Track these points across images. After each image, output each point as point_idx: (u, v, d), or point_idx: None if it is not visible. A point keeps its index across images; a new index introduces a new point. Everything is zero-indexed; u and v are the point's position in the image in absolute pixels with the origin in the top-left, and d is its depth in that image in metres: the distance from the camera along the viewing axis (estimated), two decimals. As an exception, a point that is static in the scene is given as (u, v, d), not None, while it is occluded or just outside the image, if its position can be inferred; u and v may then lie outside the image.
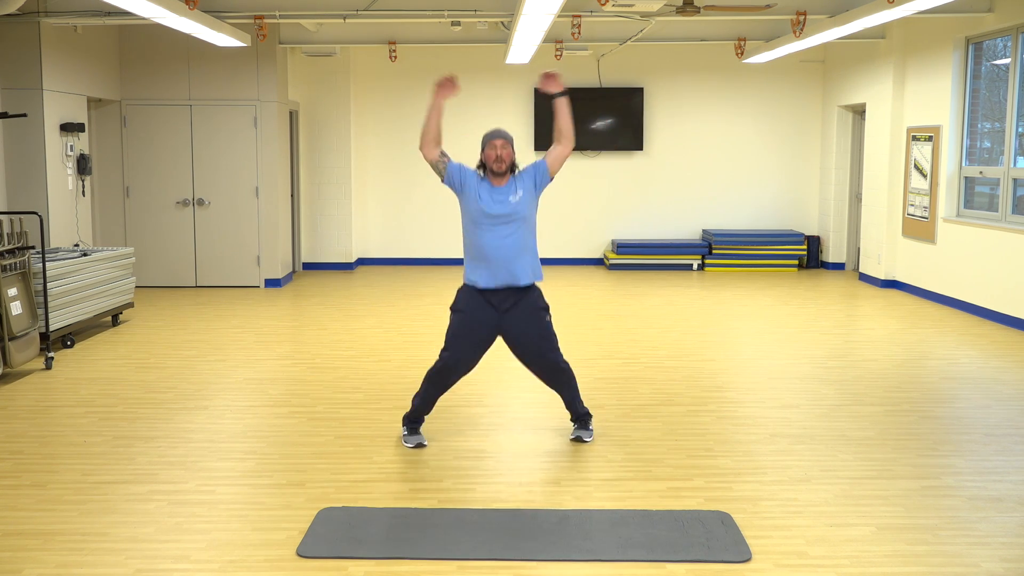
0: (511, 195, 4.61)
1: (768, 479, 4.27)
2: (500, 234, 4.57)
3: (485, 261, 4.58)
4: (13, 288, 6.25)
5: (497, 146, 4.60)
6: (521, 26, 7.67)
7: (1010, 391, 5.84)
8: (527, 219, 4.64)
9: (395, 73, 11.65)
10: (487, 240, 4.58)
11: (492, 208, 4.57)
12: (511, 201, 4.59)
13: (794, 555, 3.47)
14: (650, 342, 7.31)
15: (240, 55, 9.92)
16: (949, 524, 3.76)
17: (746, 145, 11.93)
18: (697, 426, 5.09)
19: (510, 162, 4.63)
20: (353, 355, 6.87)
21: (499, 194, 4.61)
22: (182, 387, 5.96)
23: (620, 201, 11.99)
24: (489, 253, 4.57)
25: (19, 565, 3.39)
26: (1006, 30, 8.17)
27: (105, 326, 7.92)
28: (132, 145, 10.07)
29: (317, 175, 11.49)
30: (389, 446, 4.75)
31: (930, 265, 9.34)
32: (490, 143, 4.63)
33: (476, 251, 4.62)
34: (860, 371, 6.35)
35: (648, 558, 3.44)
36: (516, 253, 4.59)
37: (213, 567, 3.38)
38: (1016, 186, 8.20)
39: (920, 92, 9.53)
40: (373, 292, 9.89)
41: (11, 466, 4.46)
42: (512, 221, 4.58)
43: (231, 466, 4.47)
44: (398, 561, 3.42)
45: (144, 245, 10.04)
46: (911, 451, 4.67)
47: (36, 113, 8.28)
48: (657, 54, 11.60)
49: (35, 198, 8.38)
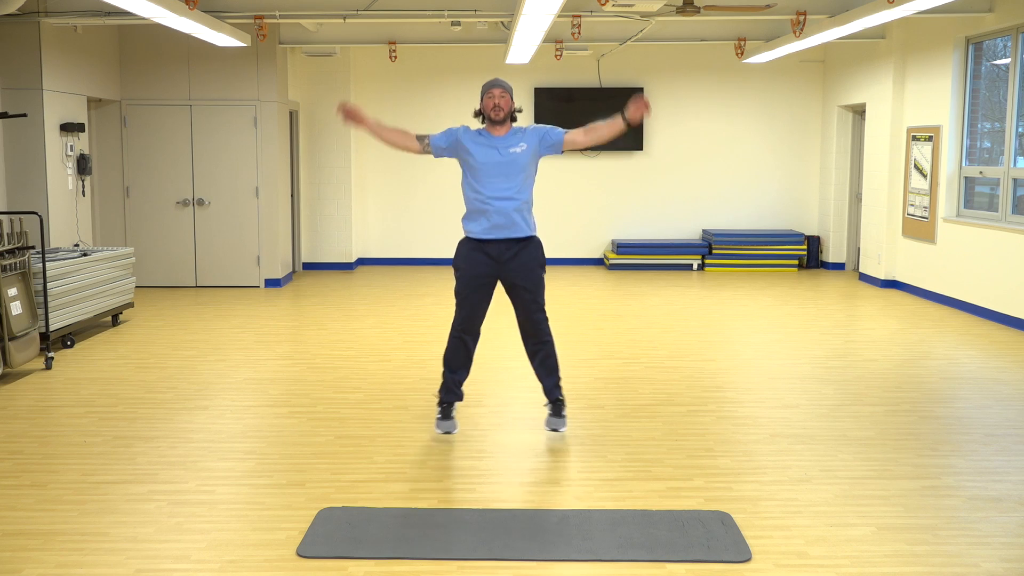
0: (511, 146, 4.62)
1: (768, 479, 4.27)
2: (499, 186, 4.59)
3: (484, 213, 4.61)
4: (13, 288, 6.25)
5: (495, 95, 4.64)
6: (521, 26, 7.67)
7: (1010, 391, 5.85)
8: (526, 171, 4.65)
9: (395, 73, 11.65)
10: (486, 190, 4.60)
11: (490, 157, 4.60)
12: (511, 151, 4.61)
13: (794, 555, 3.47)
14: (650, 342, 7.31)
15: (240, 55, 9.92)
16: (949, 524, 3.76)
17: (746, 145, 11.93)
18: (697, 426, 5.09)
19: (508, 110, 4.65)
20: (353, 355, 6.87)
21: (499, 143, 4.62)
22: (182, 387, 5.96)
23: (620, 201, 11.99)
24: (488, 204, 4.59)
25: (19, 565, 3.39)
26: (1006, 30, 8.17)
27: (105, 326, 7.92)
28: (132, 145, 10.07)
29: (317, 175, 11.49)
30: (389, 446, 4.75)
31: (930, 265, 9.34)
32: (488, 92, 4.67)
33: (475, 203, 4.64)
34: (860, 371, 6.35)
35: (648, 558, 3.44)
36: (515, 204, 4.61)
37: (213, 567, 3.38)
38: (1016, 186, 8.20)
39: (920, 92, 9.53)
40: (373, 292, 9.89)
41: (11, 466, 4.46)
42: (511, 173, 4.60)
43: (231, 466, 4.47)
44: (398, 561, 3.42)
45: (144, 245, 10.04)
46: (911, 451, 4.67)
47: (36, 113, 8.28)
48: (657, 54, 11.59)
49: (35, 198, 8.38)
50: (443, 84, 11.73)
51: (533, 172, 4.74)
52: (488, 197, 4.60)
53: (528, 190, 4.70)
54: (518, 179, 4.63)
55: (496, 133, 4.67)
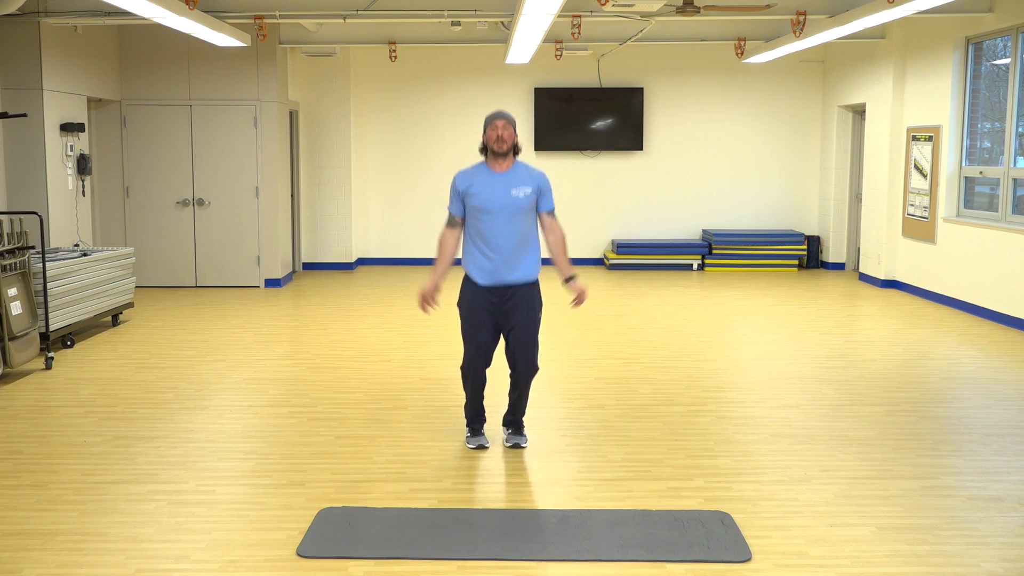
0: (514, 188, 4.49)
1: (768, 479, 4.27)
2: (503, 228, 4.48)
3: (486, 255, 4.50)
4: (13, 288, 6.25)
5: (499, 127, 4.49)
6: (521, 26, 7.67)
7: (1010, 391, 5.84)
8: (529, 215, 4.55)
9: (395, 73, 11.65)
10: (489, 233, 4.49)
11: (494, 196, 4.47)
12: (514, 195, 4.48)
13: (794, 555, 3.47)
14: (650, 342, 7.31)
15: (240, 55, 9.92)
16: (949, 524, 3.76)
17: (746, 145, 11.93)
18: (697, 426, 5.09)
19: (511, 143, 4.50)
20: (353, 355, 6.87)
21: (502, 182, 4.49)
22: (182, 387, 5.96)
23: (620, 201, 11.99)
24: (492, 247, 4.49)
25: (19, 565, 3.39)
26: (1006, 30, 8.17)
27: (105, 326, 7.92)
28: (132, 145, 10.07)
29: (317, 175, 11.49)
30: (389, 446, 4.75)
31: (930, 265, 9.34)
32: (491, 124, 4.51)
33: (478, 243, 4.53)
34: (860, 371, 6.35)
35: (648, 558, 3.44)
36: (519, 248, 4.51)
37: (213, 567, 3.38)
38: (1016, 186, 8.20)
39: (920, 92, 9.53)
40: (373, 292, 9.89)
41: (11, 466, 4.46)
42: (515, 215, 4.49)
43: (231, 466, 4.47)
44: (398, 561, 3.42)
45: (144, 245, 10.04)
46: (911, 451, 4.67)
47: (36, 113, 8.28)
48: (657, 54, 11.59)
49: (35, 198, 8.38)
50: (443, 84, 11.73)
51: (535, 216, 4.63)
52: (493, 240, 4.49)
53: (534, 231, 4.60)
54: (522, 221, 4.53)
55: (498, 168, 4.53)
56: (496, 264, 4.50)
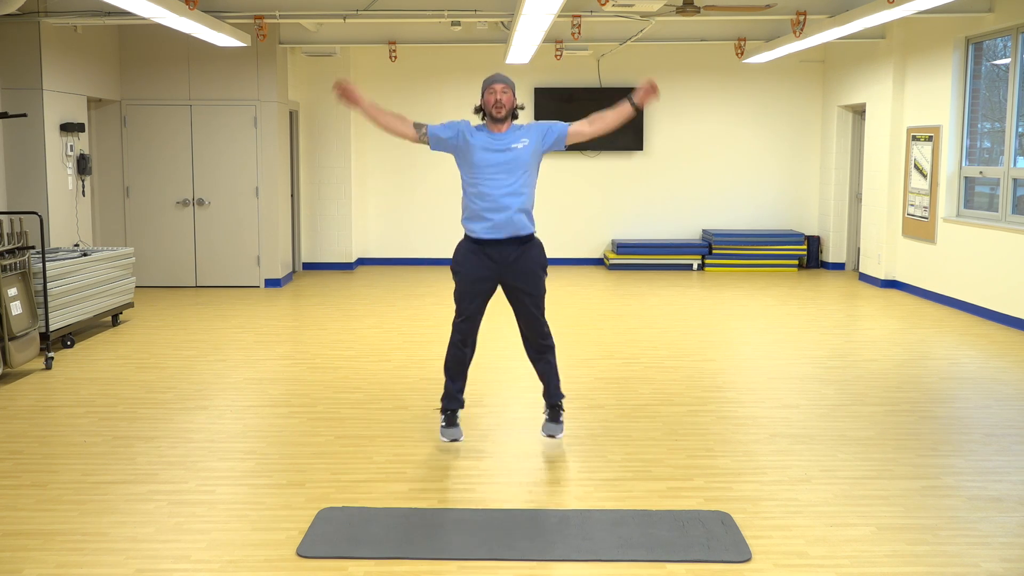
0: (513, 142, 4.48)
1: (768, 479, 4.27)
2: (501, 183, 4.47)
3: (484, 211, 4.48)
4: (13, 288, 6.25)
5: (497, 90, 4.49)
6: (521, 26, 7.67)
7: (1010, 391, 5.84)
8: (528, 168, 4.52)
9: (395, 73, 11.65)
10: (486, 188, 4.47)
11: (492, 156, 4.46)
12: (512, 147, 4.47)
13: (794, 555, 3.47)
14: (650, 342, 7.31)
15: (240, 55, 9.91)
16: (949, 524, 3.76)
17: (746, 145, 11.93)
18: (697, 426, 5.09)
19: (510, 107, 4.50)
20: (353, 355, 6.87)
21: (499, 141, 4.49)
22: (182, 387, 5.96)
23: (620, 201, 11.99)
24: (490, 203, 4.47)
25: (19, 565, 3.39)
26: (1006, 30, 8.17)
27: (105, 326, 7.92)
28: (132, 145, 10.07)
29: (317, 175, 11.49)
30: (389, 446, 4.74)
31: (930, 265, 9.34)
32: (489, 88, 4.52)
33: (476, 202, 4.51)
34: (860, 371, 6.35)
35: (648, 558, 3.44)
36: (517, 202, 4.49)
37: (213, 567, 3.38)
38: (1016, 186, 8.20)
39: (920, 92, 9.53)
40: (373, 292, 9.89)
41: (11, 466, 4.46)
42: (512, 169, 4.47)
43: (231, 466, 4.47)
44: (398, 561, 3.42)
45: (144, 245, 10.04)
46: (911, 451, 4.67)
47: (36, 113, 8.28)
48: (657, 54, 11.59)
49: (35, 198, 8.38)
50: (443, 84, 11.72)
51: (535, 170, 4.60)
52: (488, 195, 4.47)
53: (530, 188, 4.57)
54: (520, 176, 4.50)
55: (497, 130, 4.53)
56: (495, 220, 4.49)
